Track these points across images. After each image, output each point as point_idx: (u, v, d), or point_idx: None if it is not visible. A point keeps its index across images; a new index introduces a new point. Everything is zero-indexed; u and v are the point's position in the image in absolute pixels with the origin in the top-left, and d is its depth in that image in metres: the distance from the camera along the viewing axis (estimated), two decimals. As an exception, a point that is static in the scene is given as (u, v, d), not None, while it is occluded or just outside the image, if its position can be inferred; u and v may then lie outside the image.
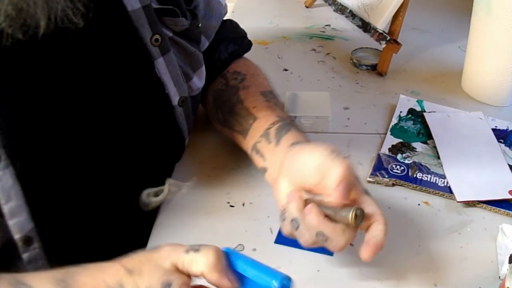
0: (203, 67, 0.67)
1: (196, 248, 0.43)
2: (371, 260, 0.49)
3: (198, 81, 0.67)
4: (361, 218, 0.49)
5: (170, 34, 0.59)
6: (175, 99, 0.62)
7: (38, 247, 0.53)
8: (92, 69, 0.53)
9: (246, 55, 0.80)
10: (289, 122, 0.62)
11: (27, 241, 0.52)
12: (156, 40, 0.56)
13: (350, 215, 0.48)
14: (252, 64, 0.78)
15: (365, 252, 0.49)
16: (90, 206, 0.60)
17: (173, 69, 0.59)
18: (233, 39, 0.77)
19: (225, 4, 0.75)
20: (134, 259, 0.45)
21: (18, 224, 0.50)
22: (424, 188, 0.65)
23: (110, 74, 0.54)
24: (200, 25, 0.64)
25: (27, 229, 0.51)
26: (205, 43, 0.70)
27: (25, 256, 0.52)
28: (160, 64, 0.58)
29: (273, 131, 0.61)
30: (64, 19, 0.45)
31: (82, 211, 0.59)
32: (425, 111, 0.79)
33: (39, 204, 0.52)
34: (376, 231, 0.50)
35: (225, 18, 0.77)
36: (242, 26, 0.81)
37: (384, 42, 0.89)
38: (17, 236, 0.51)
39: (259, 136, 0.62)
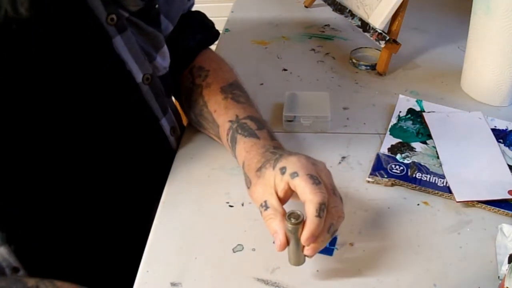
0: (165, 47, 0.69)
1: None
2: (311, 248, 0.50)
3: (162, 60, 0.68)
4: (296, 220, 0.50)
5: (127, 15, 0.60)
6: (138, 76, 0.63)
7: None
8: (50, 51, 0.54)
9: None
10: (235, 128, 0.64)
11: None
12: (112, 19, 0.57)
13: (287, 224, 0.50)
14: (216, 57, 0.80)
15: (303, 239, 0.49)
16: (68, 195, 0.61)
17: (132, 47, 0.61)
18: (201, 29, 0.79)
19: None
20: None
21: None
22: (423, 188, 0.65)
23: (70, 56, 0.55)
24: (157, 6, 0.66)
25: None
26: (169, 27, 0.72)
27: None
28: (118, 42, 0.59)
29: (229, 142, 0.65)
30: (9, 11, 0.47)
31: (56, 199, 0.60)
32: (424, 111, 0.79)
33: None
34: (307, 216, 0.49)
35: (193, 9, 0.80)
36: (241, 26, 0.81)
37: (384, 42, 0.89)
38: None
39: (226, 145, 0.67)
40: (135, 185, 0.67)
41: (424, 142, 0.73)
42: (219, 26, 1.01)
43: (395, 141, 0.73)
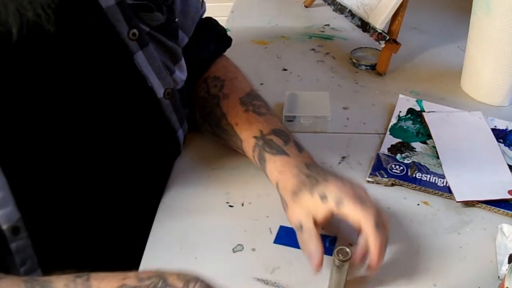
0: (183, 60, 0.68)
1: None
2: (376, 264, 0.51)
3: (180, 73, 0.68)
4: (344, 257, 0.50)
5: (147, 29, 0.60)
6: (159, 91, 0.62)
7: (25, 236, 0.55)
8: (73, 67, 0.53)
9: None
10: (262, 145, 0.64)
11: (15, 230, 0.53)
12: (134, 34, 0.57)
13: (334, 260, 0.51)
14: (230, 65, 0.79)
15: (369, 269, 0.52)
16: (79, 200, 0.61)
17: (154, 62, 0.60)
18: (214, 38, 0.78)
19: (202, 0, 0.77)
20: None
21: (6, 215, 0.52)
22: (423, 188, 0.65)
23: (92, 72, 0.55)
24: (177, 20, 0.65)
25: (14, 219, 0.53)
26: (184, 39, 0.71)
27: (13, 245, 0.54)
28: (140, 58, 0.58)
29: (257, 159, 0.64)
30: (36, 26, 0.46)
31: (71, 205, 0.60)
32: (424, 111, 0.79)
33: (24, 195, 0.53)
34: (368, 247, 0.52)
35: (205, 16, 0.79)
36: (241, 26, 0.81)
37: (384, 42, 0.89)
38: (5, 226, 0.52)
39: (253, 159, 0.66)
40: (139, 186, 0.67)
41: (424, 142, 0.73)
42: (219, 26, 1.01)
43: (395, 141, 0.73)
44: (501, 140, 0.73)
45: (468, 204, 0.63)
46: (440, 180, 0.66)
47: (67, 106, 0.54)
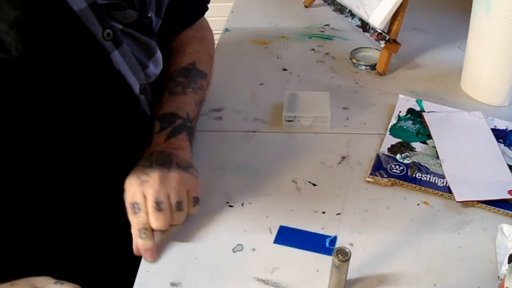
0: (158, 53, 0.68)
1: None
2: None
3: (154, 68, 0.68)
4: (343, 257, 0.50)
5: (120, 27, 0.59)
6: (136, 88, 0.63)
7: None
8: (51, 74, 0.53)
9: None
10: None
11: None
12: (108, 34, 0.56)
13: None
14: (187, 37, 0.79)
15: None
16: (70, 205, 0.61)
17: (129, 60, 0.60)
18: (187, 6, 0.78)
19: None
20: None
21: None
22: (423, 188, 0.65)
23: (70, 76, 0.55)
24: (150, 14, 0.65)
25: None
26: (158, 23, 0.71)
27: None
28: (116, 57, 0.58)
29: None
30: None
31: (57, 213, 0.60)
32: (424, 111, 0.79)
33: None
34: None
35: None
36: (241, 26, 0.80)
37: (383, 42, 0.89)
38: None
39: None
40: (117, 182, 0.67)
41: (424, 142, 0.73)
42: (219, 26, 1.01)
43: (395, 141, 0.73)
44: (501, 140, 0.73)
45: (468, 204, 0.63)
46: (440, 180, 0.66)
47: (47, 112, 0.54)
